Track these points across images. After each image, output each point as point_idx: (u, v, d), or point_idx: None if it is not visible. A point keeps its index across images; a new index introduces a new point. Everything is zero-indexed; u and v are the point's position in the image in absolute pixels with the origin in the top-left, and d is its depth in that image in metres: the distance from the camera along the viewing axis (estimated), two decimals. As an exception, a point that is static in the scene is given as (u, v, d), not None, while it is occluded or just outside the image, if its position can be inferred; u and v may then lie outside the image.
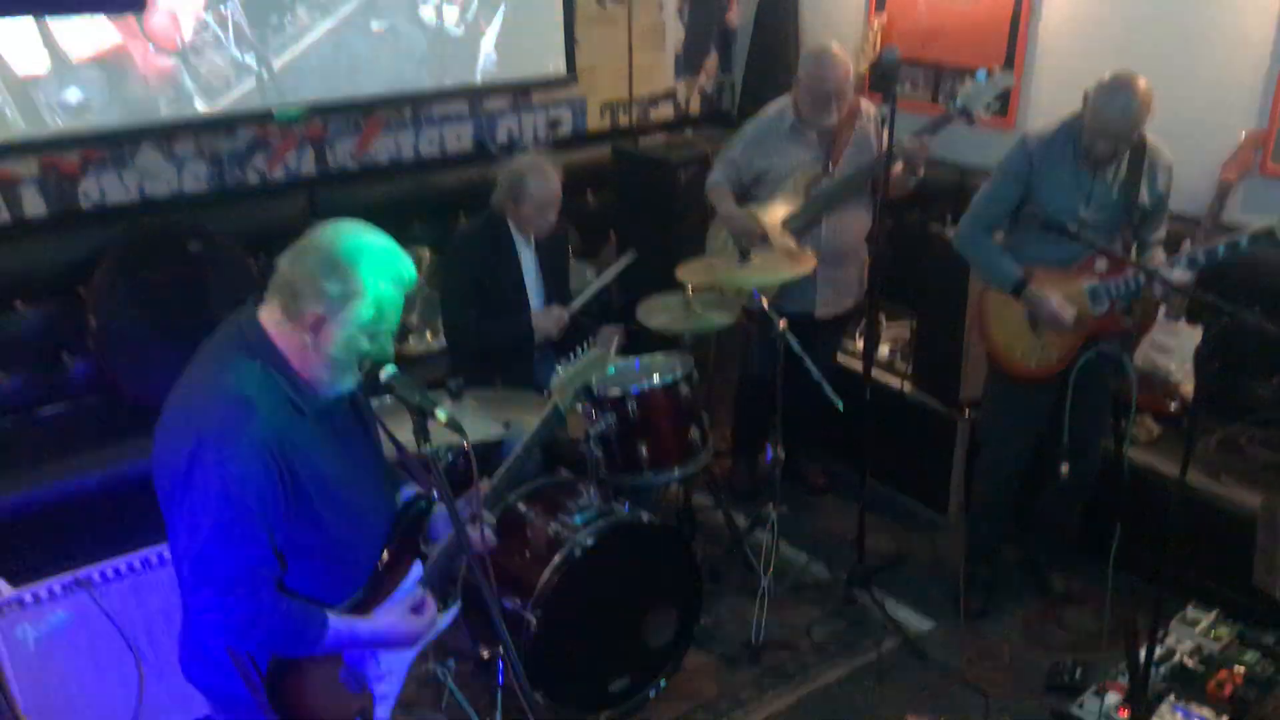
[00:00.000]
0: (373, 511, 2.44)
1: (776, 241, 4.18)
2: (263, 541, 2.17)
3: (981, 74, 4.03)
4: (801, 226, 4.27)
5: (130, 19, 4.33)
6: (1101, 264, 3.57)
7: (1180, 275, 3.43)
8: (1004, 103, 4.96)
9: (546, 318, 4.09)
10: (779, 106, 4.38)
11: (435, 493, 2.54)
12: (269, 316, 2.22)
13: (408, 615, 2.42)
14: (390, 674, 2.52)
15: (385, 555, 2.45)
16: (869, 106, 4.36)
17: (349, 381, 2.28)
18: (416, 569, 2.51)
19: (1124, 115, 3.38)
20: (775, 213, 4.29)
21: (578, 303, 4.19)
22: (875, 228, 3.87)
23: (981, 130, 5.03)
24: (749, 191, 4.40)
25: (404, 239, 5.32)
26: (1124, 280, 3.54)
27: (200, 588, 2.14)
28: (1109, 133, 3.42)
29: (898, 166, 4.14)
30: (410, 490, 2.61)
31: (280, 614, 2.20)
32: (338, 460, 2.31)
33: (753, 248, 4.11)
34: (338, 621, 2.30)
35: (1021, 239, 3.69)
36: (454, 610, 2.62)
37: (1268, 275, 4.01)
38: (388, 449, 2.59)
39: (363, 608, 2.41)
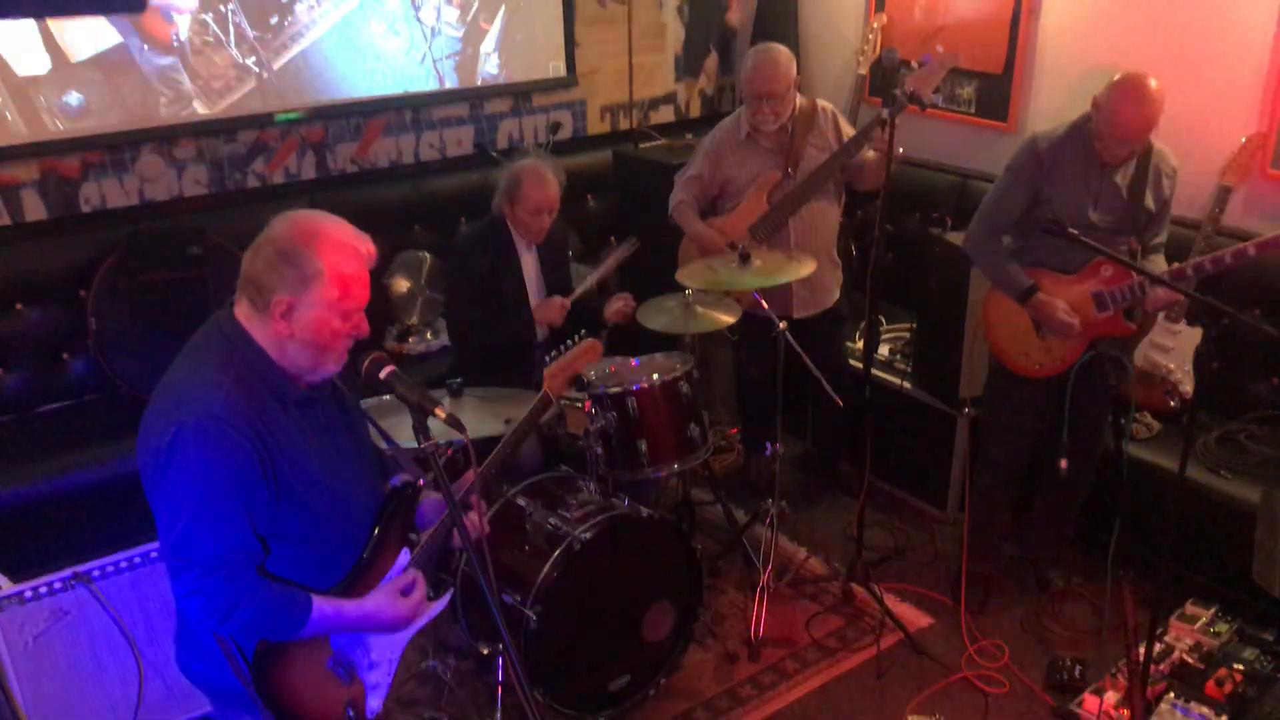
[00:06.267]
0: (358, 499, 2.46)
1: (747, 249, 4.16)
2: (243, 525, 2.20)
3: (927, 58, 4.01)
4: (768, 232, 4.27)
5: (130, 21, 4.34)
6: (1107, 270, 3.57)
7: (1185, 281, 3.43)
8: (1003, 106, 4.97)
9: (548, 308, 4.11)
10: (734, 116, 4.39)
11: (423, 480, 2.56)
12: (242, 313, 2.27)
13: (397, 597, 2.44)
14: (381, 663, 2.53)
15: (371, 542, 2.47)
16: (827, 105, 4.35)
17: (331, 364, 2.31)
18: (403, 557, 2.53)
19: (1140, 116, 3.37)
20: (741, 220, 4.30)
21: (580, 290, 4.20)
22: (878, 230, 3.87)
23: (982, 134, 5.06)
24: (715, 204, 4.40)
25: (404, 242, 5.37)
26: (1129, 287, 3.54)
27: (183, 571, 2.18)
28: (1127, 135, 3.41)
29: (869, 154, 4.14)
30: (398, 478, 2.62)
31: (262, 596, 2.23)
32: (321, 449, 2.34)
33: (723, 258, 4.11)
34: (323, 603, 2.32)
35: (1027, 243, 3.69)
36: (444, 599, 2.62)
37: (1267, 276, 4.01)
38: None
39: (348, 595, 2.42)
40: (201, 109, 4.61)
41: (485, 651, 3.48)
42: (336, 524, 2.39)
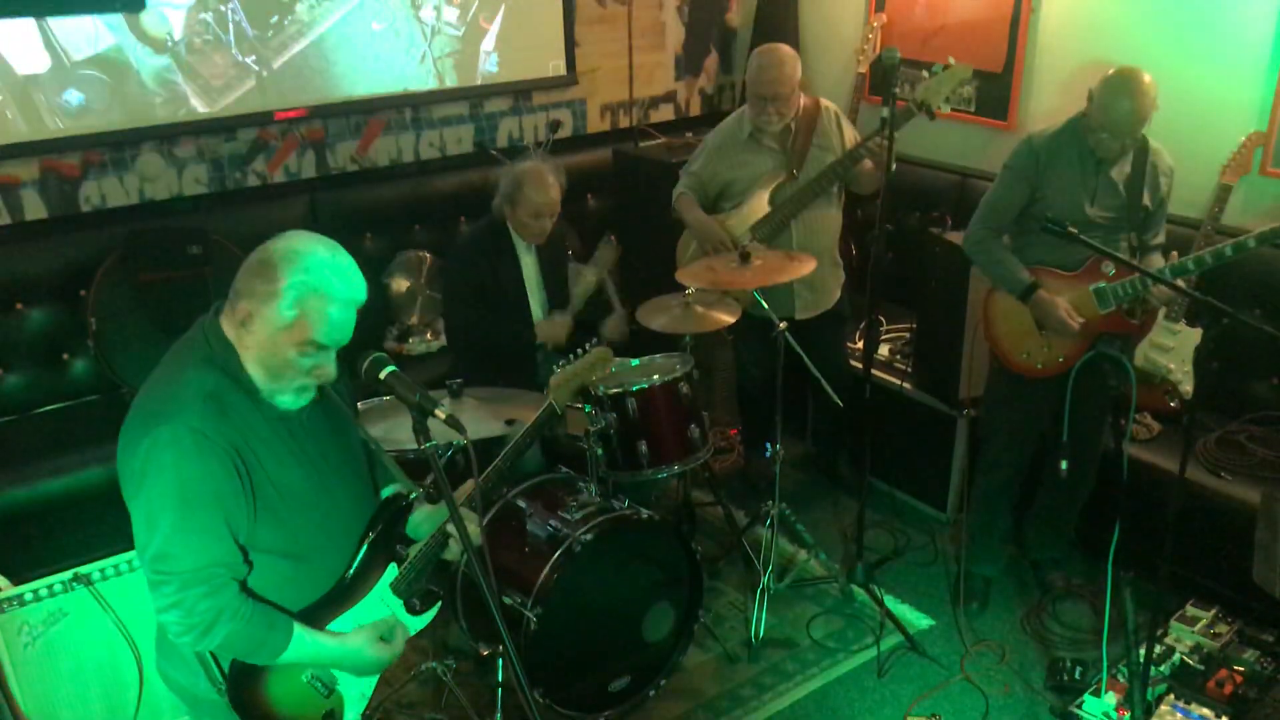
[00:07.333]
0: (343, 512, 2.42)
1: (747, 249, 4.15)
2: (223, 538, 2.17)
3: (938, 67, 4.00)
4: (770, 232, 4.26)
5: (130, 20, 4.34)
6: (1108, 267, 3.56)
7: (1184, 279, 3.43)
8: (1003, 105, 4.97)
9: (551, 327, 4.09)
10: (737, 115, 4.38)
11: (416, 492, 2.53)
12: (226, 321, 2.24)
13: (376, 643, 2.41)
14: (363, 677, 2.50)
15: (358, 557, 2.44)
16: (829, 105, 4.34)
17: (286, 395, 2.24)
18: (390, 572, 2.50)
19: (1131, 111, 3.38)
20: (743, 220, 4.29)
21: (578, 303, 4.20)
22: (878, 230, 3.86)
23: (982, 132, 5.06)
24: (716, 203, 4.40)
25: (404, 241, 5.37)
26: (1129, 282, 3.54)
27: (162, 584, 2.15)
28: (1117, 129, 3.42)
29: (868, 163, 4.14)
30: (392, 489, 2.59)
31: (244, 616, 2.19)
32: (304, 459, 2.30)
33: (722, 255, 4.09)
34: (304, 633, 2.29)
35: (1027, 241, 3.69)
36: (431, 613, 2.59)
37: (1268, 275, 4.01)
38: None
39: (332, 609, 2.39)
40: (201, 108, 4.61)
41: (485, 652, 3.48)
42: (319, 536, 2.35)
